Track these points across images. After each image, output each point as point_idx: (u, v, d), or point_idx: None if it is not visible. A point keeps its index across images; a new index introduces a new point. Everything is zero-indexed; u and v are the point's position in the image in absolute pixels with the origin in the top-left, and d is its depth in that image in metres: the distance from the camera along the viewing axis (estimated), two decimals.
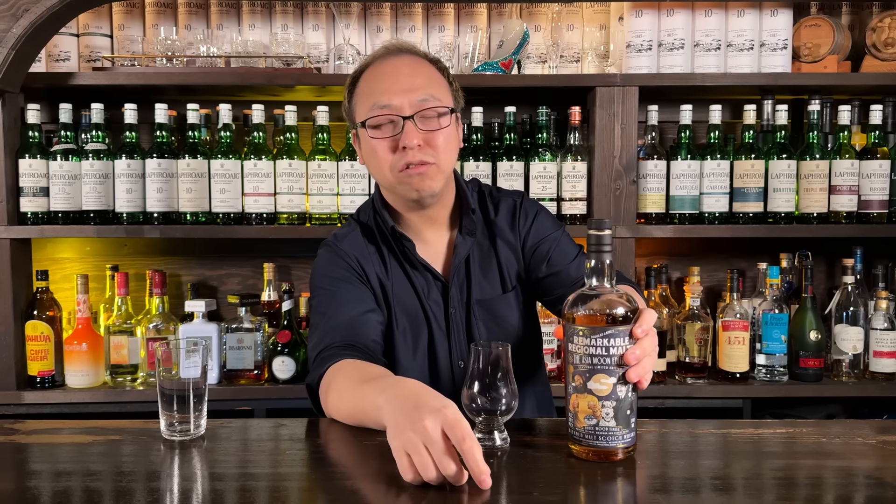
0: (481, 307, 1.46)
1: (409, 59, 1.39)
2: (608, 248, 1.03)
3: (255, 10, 2.34)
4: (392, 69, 1.37)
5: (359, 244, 1.45)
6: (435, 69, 1.41)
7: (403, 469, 0.92)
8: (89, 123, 2.20)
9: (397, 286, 1.44)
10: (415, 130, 1.33)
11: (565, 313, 1.03)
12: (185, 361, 1.12)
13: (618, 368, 0.99)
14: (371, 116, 1.35)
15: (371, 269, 1.44)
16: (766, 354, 2.20)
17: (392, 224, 1.43)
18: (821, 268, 2.52)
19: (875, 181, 2.21)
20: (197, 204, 2.18)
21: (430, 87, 1.36)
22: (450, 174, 1.42)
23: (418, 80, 1.36)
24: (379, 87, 1.36)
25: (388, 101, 1.34)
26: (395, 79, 1.35)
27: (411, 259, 1.44)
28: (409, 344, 1.44)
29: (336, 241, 1.47)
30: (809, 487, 0.98)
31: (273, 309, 2.34)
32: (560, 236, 1.50)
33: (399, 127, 1.33)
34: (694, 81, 2.19)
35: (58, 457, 1.09)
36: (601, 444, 1.01)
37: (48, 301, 2.18)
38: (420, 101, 1.34)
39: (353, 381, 1.17)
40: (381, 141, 1.35)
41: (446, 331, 1.45)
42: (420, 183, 1.35)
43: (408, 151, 1.33)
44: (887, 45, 2.25)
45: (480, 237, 1.48)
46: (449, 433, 0.90)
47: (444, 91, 1.39)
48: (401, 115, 1.33)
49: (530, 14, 2.39)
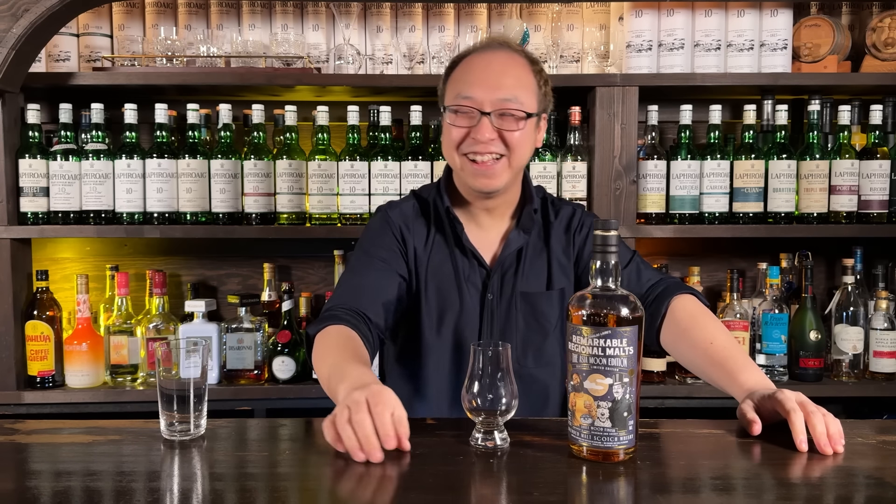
0: (524, 300, 1.49)
1: (506, 55, 1.42)
2: (614, 249, 1.04)
3: (255, 10, 2.34)
4: (485, 63, 1.41)
5: (408, 215, 1.52)
6: (529, 70, 1.43)
7: (329, 432, 1.04)
8: (89, 123, 2.20)
9: (436, 262, 1.49)
10: (489, 126, 1.37)
11: (569, 312, 1.03)
12: (185, 361, 1.12)
13: (615, 369, 0.99)
14: (454, 105, 1.40)
15: (411, 241, 1.49)
16: (766, 354, 2.20)
17: (448, 205, 1.48)
18: (821, 268, 2.52)
19: (875, 181, 2.21)
20: (197, 204, 2.18)
21: (516, 88, 1.39)
22: (519, 171, 1.46)
23: (506, 80, 1.39)
24: (468, 78, 1.40)
25: (471, 94, 1.38)
26: (484, 73, 1.39)
27: (460, 240, 1.48)
28: (433, 320, 1.48)
29: (388, 209, 1.54)
30: (809, 487, 0.98)
31: (273, 309, 2.34)
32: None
33: (476, 120, 1.38)
34: (694, 81, 2.19)
35: (58, 457, 1.09)
36: (597, 444, 1.01)
37: (48, 301, 2.18)
38: (501, 101, 1.38)
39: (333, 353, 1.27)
40: (455, 127, 1.40)
41: (479, 316, 1.48)
42: (485, 180, 1.40)
43: (478, 143, 1.38)
44: (887, 45, 2.25)
45: (535, 237, 1.52)
46: (370, 401, 1.02)
47: (530, 94, 1.41)
48: (480, 109, 1.38)
49: (530, 14, 2.39)
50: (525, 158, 1.44)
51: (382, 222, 1.51)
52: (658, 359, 2.20)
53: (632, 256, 1.53)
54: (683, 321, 1.38)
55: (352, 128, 2.21)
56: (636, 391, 1.01)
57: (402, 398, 1.03)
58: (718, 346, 1.31)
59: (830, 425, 1.08)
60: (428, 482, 0.97)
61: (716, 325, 1.37)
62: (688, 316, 1.39)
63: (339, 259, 2.39)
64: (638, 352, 1.01)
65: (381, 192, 2.18)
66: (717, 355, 1.30)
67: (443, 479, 0.97)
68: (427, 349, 1.48)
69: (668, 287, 1.45)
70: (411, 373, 1.51)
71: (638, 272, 1.50)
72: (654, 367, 2.20)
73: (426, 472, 1.00)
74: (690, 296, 1.43)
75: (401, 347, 1.55)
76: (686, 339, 1.37)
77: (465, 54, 1.45)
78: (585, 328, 1.00)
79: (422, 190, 1.58)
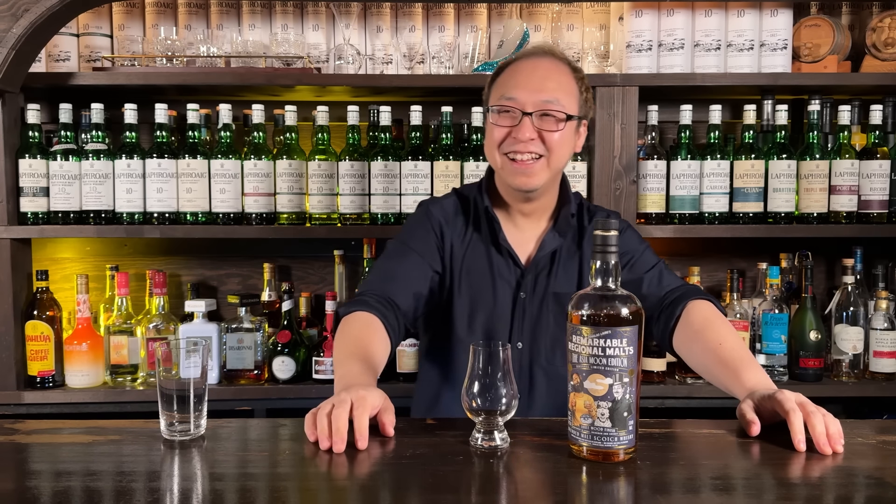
0: (556, 301, 1.53)
1: (549, 62, 1.48)
2: (613, 249, 1.04)
3: (255, 10, 2.34)
4: (530, 68, 1.47)
5: (447, 212, 1.58)
6: (572, 77, 1.49)
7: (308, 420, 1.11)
8: (89, 123, 2.20)
9: (472, 259, 1.55)
10: (530, 126, 1.43)
11: (569, 312, 1.03)
12: (185, 361, 1.12)
13: (615, 369, 0.99)
14: (497, 105, 1.46)
15: (449, 236, 1.55)
16: (766, 354, 2.20)
17: (487, 205, 1.54)
18: (821, 268, 2.52)
19: (875, 181, 2.21)
20: (197, 204, 2.18)
21: (558, 91, 1.45)
22: (557, 173, 1.52)
23: (549, 84, 1.45)
24: (512, 81, 1.46)
25: (514, 95, 1.44)
26: (528, 77, 1.45)
27: (496, 239, 1.53)
28: (465, 315, 1.53)
29: (430, 204, 1.61)
30: (809, 487, 0.98)
31: (273, 309, 2.34)
32: (644, 250, 1.59)
33: (517, 120, 1.44)
34: (694, 81, 2.19)
35: (58, 457, 1.09)
36: (597, 444, 1.01)
37: (48, 301, 2.18)
38: (544, 102, 1.43)
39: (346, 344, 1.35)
40: (498, 127, 1.46)
41: (511, 313, 1.53)
42: (524, 178, 1.45)
43: (518, 142, 1.43)
44: (887, 45, 2.25)
45: (569, 240, 1.57)
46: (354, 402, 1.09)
47: (571, 99, 1.47)
48: (522, 109, 1.43)
49: (530, 14, 2.39)
50: (564, 160, 1.49)
51: (423, 216, 1.58)
52: (658, 359, 2.20)
53: (657, 262, 1.57)
54: (696, 324, 1.41)
55: (352, 128, 2.21)
56: (636, 391, 1.01)
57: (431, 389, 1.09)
58: (726, 348, 1.33)
59: (830, 425, 1.08)
60: (428, 482, 0.97)
61: (727, 328, 1.40)
62: (701, 319, 1.41)
63: (338, 259, 2.39)
64: (638, 352, 1.01)
65: (381, 191, 2.19)
66: (724, 356, 1.32)
67: (443, 479, 0.97)
68: (458, 343, 1.53)
69: (686, 292, 1.49)
70: (442, 365, 1.57)
71: (660, 277, 1.55)
72: (654, 367, 2.20)
73: (426, 472, 1.00)
74: (706, 301, 1.46)
75: (432, 340, 1.61)
76: (697, 341, 1.39)
77: (511, 61, 1.52)
78: (585, 328, 1.00)
79: (463, 188, 1.65)
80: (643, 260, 1.57)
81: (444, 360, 1.57)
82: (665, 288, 1.52)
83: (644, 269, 1.55)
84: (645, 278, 1.54)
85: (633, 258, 1.56)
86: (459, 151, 2.22)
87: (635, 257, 1.56)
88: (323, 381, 2.18)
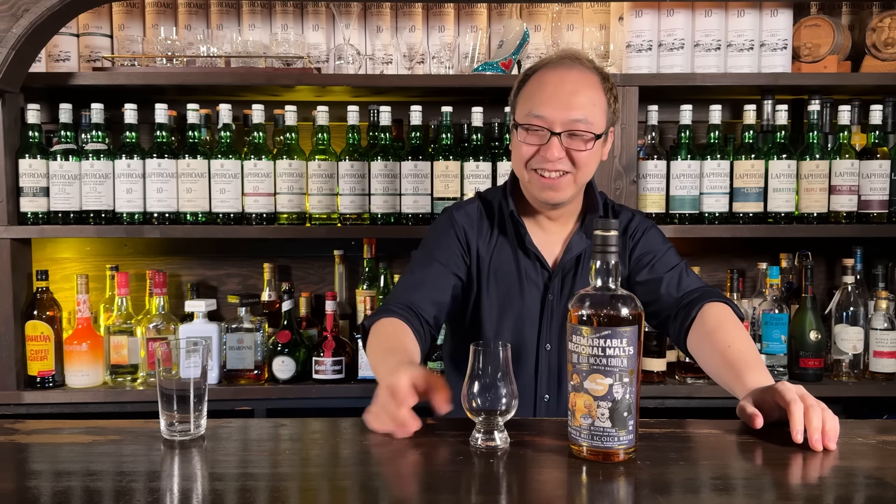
0: None
1: (578, 73, 1.45)
2: (613, 249, 1.04)
3: (255, 10, 2.34)
4: (558, 80, 1.44)
5: (472, 217, 1.58)
6: (600, 88, 1.46)
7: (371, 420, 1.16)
8: (89, 123, 2.20)
9: (499, 262, 1.55)
10: (558, 146, 1.42)
11: (569, 311, 1.03)
12: (185, 361, 1.12)
13: (615, 369, 0.99)
14: (525, 123, 1.45)
15: (475, 241, 1.55)
16: (766, 354, 2.20)
17: (512, 209, 1.54)
18: (821, 268, 2.52)
19: (875, 181, 2.21)
20: (197, 204, 2.18)
21: (587, 107, 1.43)
22: (583, 186, 1.52)
23: (579, 99, 1.42)
24: (540, 96, 1.44)
25: (542, 112, 1.42)
26: (556, 92, 1.43)
27: (523, 242, 1.54)
28: (493, 318, 1.54)
29: (454, 210, 1.60)
30: (809, 487, 0.98)
31: (273, 309, 2.34)
32: (666, 251, 1.59)
33: (546, 139, 1.43)
34: (694, 81, 2.19)
35: (58, 457, 1.09)
36: (597, 444, 1.01)
37: (48, 301, 2.18)
38: (573, 121, 1.42)
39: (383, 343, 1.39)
40: (526, 145, 1.45)
41: (539, 316, 1.53)
42: (551, 193, 1.46)
43: (547, 161, 1.43)
44: (887, 45, 2.25)
45: None
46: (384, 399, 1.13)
47: (600, 112, 1.45)
48: (551, 129, 1.42)
49: (530, 14, 2.39)
50: (590, 174, 1.50)
51: (447, 223, 1.58)
52: (658, 359, 2.20)
53: (678, 262, 1.57)
54: (709, 325, 1.41)
55: (352, 128, 2.21)
56: (636, 391, 1.01)
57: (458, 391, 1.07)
58: (735, 350, 1.33)
59: (827, 421, 1.08)
60: (428, 482, 0.97)
61: (739, 331, 1.39)
62: (714, 321, 1.41)
63: (339, 259, 2.39)
64: (638, 352, 1.01)
65: (381, 192, 2.19)
66: (731, 358, 1.32)
67: (443, 479, 0.97)
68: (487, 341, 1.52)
69: (704, 294, 1.48)
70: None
71: (679, 278, 1.54)
72: (654, 367, 2.20)
73: (426, 472, 1.00)
74: (723, 304, 1.45)
75: (460, 343, 1.61)
76: (707, 343, 1.39)
77: (538, 67, 1.49)
78: (585, 328, 1.00)
79: (487, 193, 1.65)
80: (664, 260, 1.56)
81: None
82: (684, 289, 1.52)
83: (665, 270, 1.55)
84: (665, 278, 1.53)
85: (655, 258, 1.56)
86: (459, 151, 2.22)
87: (657, 257, 1.56)
88: (323, 382, 2.19)
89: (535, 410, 1.54)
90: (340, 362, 2.19)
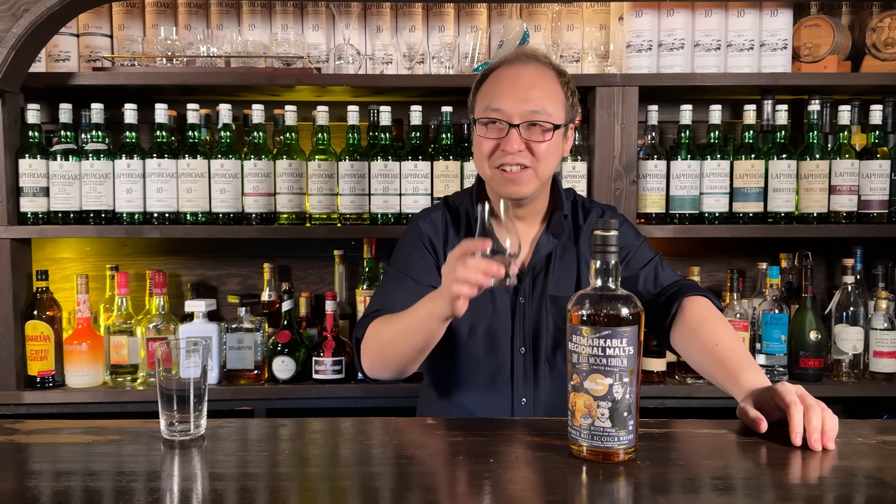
0: (553, 303, 1.53)
1: (534, 68, 1.46)
2: (613, 249, 1.04)
3: (255, 10, 2.34)
4: (514, 76, 1.45)
5: (437, 226, 1.58)
6: (557, 82, 1.47)
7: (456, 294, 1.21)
8: (89, 123, 2.20)
9: None
10: (518, 138, 1.42)
11: (569, 311, 1.03)
12: (185, 361, 1.12)
13: (615, 369, 0.99)
14: (483, 117, 1.45)
15: (441, 250, 1.55)
16: (766, 354, 2.20)
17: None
18: (821, 268, 2.52)
19: (875, 181, 2.21)
20: (197, 204, 2.18)
21: (544, 100, 1.43)
22: (546, 180, 1.51)
23: (535, 92, 1.43)
24: (497, 91, 1.45)
25: (500, 106, 1.43)
26: (513, 86, 1.44)
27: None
28: (467, 322, 1.52)
29: (419, 219, 1.60)
30: (809, 487, 0.98)
31: (273, 309, 2.34)
32: (640, 245, 1.58)
33: (505, 132, 1.43)
34: (694, 81, 2.19)
35: (58, 457, 1.09)
36: (597, 444, 1.01)
37: (48, 301, 2.18)
38: (530, 112, 1.42)
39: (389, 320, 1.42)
40: (486, 139, 1.45)
41: (511, 318, 1.53)
42: (513, 187, 1.45)
43: (507, 154, 1.42)
44: (887, 45, 2.25)
45: (566, 240, 1.57)
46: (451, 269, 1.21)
47: (557, 105, 1.46)
48: (509, 121, 1.42)
49: (530, 14, 2.39)
50: (552, 168, 1.49)
51: (413, 234, 1.58)
52: (658, 359, 2.20)
53: (653, 257, 1.57)
54: (693, 322, 1.41)
55: (352, 128, 2.21)
56: (636, 391, 1.01)
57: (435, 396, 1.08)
58: (724, 347, 1.33)
59: (827, 420, 1.08)
60: (428, 482, 0.97)
61: (724, 326, 1.39)
62: (697, 317, 1.41)
63: (338, 259, 2.39)
64: (638, 352, 1.01)
65: (381, 191, 2.19)
66: (721, 356, 1.32)
67: (443, 480, 0.97)
68: (462, 349, 1.53)
69: (682, 288, 1.48)
70: (446, 372, 1.56)
71: (656, 272, 1.55)
72: (654, 367, 2.20)
73: (426, 472, 1.00)
74: (703, 297, 1.46)
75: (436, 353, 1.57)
76: (694, 340, 1.39)
77: (494, 67, 1.49)
78: (585, 328, 1.00)
79: (453, 197, 1.64)
80: (639, 255, 1.57)
81: (447, 368, 1.56)
82: (661, 284, 1.53)
83: (640, 265, 1.55)
84: (641, 274, 1.54)
85: (630, 254, 1.56)
86: (459, 151, 2.22)
87: (631, 253, 1.56)
88: (322, 382, 2.19)
89: (512, 415, 1.52)
90: (340, 362, 2.19)
